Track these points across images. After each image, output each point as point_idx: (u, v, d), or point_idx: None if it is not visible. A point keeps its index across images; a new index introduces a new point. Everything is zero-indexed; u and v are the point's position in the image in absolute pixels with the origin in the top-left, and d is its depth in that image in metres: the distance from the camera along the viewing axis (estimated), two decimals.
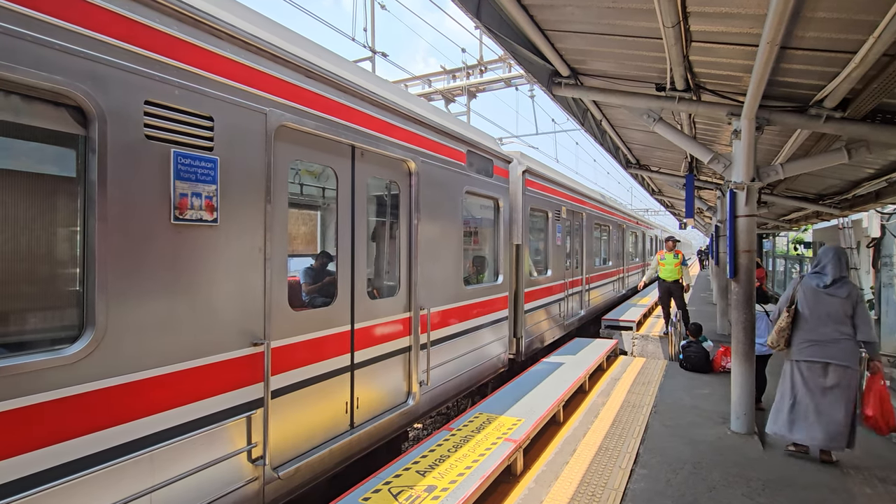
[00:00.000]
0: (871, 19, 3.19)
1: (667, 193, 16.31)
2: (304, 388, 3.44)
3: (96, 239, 2.25)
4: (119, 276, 2.34)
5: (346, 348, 3.84)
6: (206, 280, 2.77)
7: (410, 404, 4.58)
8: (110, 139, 2.30)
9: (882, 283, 8.75)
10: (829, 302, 4.00)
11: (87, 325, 2.26)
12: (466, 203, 5.79)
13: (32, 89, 2.10)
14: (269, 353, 3.08)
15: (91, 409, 2.24)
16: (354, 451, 3.91)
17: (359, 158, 3.98)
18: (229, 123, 2.87)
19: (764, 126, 4.89)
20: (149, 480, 2.46)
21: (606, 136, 8.72)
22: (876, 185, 8.21)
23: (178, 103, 2.60)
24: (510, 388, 5.89)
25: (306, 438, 3.46)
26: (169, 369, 2.56)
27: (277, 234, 3.21)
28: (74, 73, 2.18)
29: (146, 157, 2.46)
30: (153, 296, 2.50)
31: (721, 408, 5.66)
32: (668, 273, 9.86)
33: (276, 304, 3.19)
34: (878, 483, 4.07)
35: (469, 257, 6.13)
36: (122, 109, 2.36)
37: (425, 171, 4.80)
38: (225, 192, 2.85)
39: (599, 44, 4.70)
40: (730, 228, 5.03)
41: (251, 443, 2.99)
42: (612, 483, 3.94)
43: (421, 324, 4.72)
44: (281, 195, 3.26)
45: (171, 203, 2.56)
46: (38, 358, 2.08)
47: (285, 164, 3.32)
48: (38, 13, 2.06)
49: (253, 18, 3.15)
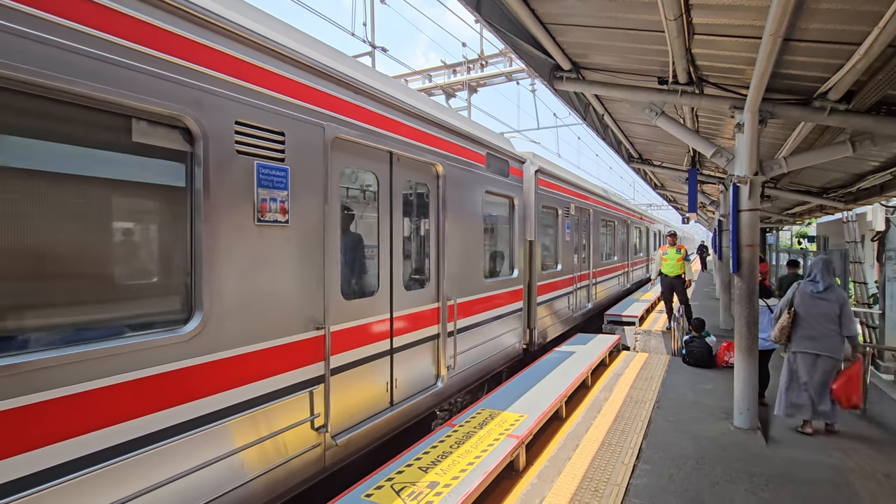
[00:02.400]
0: (875, 10, 3.15)
1: (669, 188, 16.24)
2: (355, 367, 3.90)
3: (202, 237, 2.72)
4: (218, 269, 2.81)
5: (386, 334, 4.29)
6: (280, 272, 3.22)
7: (440, 386, 5.01)
8: (211, 154, 2.77)
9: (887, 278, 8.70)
10: (822, 304, 4.78)
11: (195, 310, 2.72)
12: (485, 201, 6.11)
13: (156, 115, 2.57)
14: (328, 336, 3.56)
15: (198, 380, 2.70)
16: (393, 426, 4.34)
17: (395, 163, 4.42)
18: (296, 137, 3.33)
19: (767, 119, 4.85)
20: (240, 441, 2.91)
21: (609, 131, 8.68)
22: (880, 177, 8.16)
23: (259, 122, 3.08)
24: (513, 383, 5.89)
25: (356, 412, 3.91)
26: (253, 347, 3.02)
27: (332, 232, 3.65)
28: (185, 100, 2.65)
29: (237, 168, 2.94)
30: (242, 285, 2.96)
31: (724, 403, 5.65)
32: (671, 268, 9.79)
33: (332, 293, 3.63)
34: (882, 478, 4.06)
35: (488, 252, 6.45)
36: (219, 129, 2.83)
37: (451, 173, 5.21)
38: (293, 196, 3.31)
39: (601, 37, 4.66)
40: (733, 223, 5.00)
41: (314, 413, 3.44)
42: (615, 478, 3.93)
43: (448, 313, 5.13)
44: (335, 198, 3.72)
45: (254, 207, 3.04)
46: (162, 336, 2.54)
47: (337, 170, 3.77)
48: (163, 54, 2.54)
49: (309, 42, 3.60)
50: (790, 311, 4.93)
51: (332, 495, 3.38)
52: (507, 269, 7.01)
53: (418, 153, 4.64)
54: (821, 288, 4.82)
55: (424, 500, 3.25)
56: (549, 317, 8.36)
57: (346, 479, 3.69)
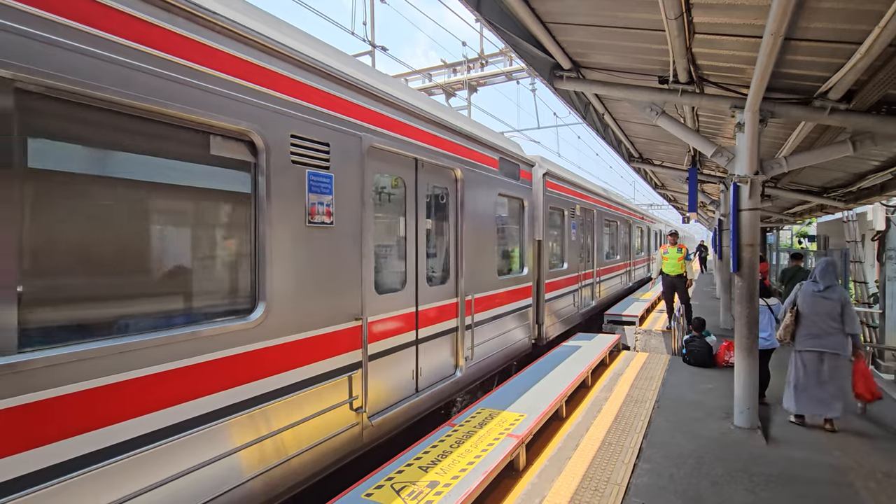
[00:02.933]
0: (876, 9, 3.14)
1: (670, 187, 16.22)
2: (386, 356, 4.27)
3: (264, 237, 3.10)
4: (276, 265, 3.18)
5: (412, 326, 4.67)
6: (325, 269, 3.61)
7: (458, 376, 5.39)
8: (271, 164, 3.14)
9: (887, 277, 8.69)
10: (824, 303, 4.91)
11: (259, 301, 3.09)
12: (498, 203, 6.46)
13: (228, 131, 2.94)
14: (366, 326, 3.92)
15: (262, 362, 3.07)
16: (419, 410, 4.71)
17: (420, 169, 4.81)
18: (339, 147, 3.69)
19: (768, 119, 4.84)
20: (296, 417, 3.31)
21: (609, 130, 8.66)
22: (881, 177, 8.15)
23: (310, 134, 3.44)
24: (513, 383, 5.88)
25: (387, 396, 4.29)
26: (305, 335, 3.40)
27: (367, 232, 4.00)
28: (252, 118, 3.01)
29: (292, 176, 3.30)
30: (296, 280, 3.33)
31: (724, 402, 5.65)
32: (671, 267, 9.73)
33: (368, 288, 4.00)
34: (882, 477, 4.06)
35: (500, 251, 6.78)
36: (278, 142, 3.20)
37: (468, 177, 5.58)
38: (336, 200, 3.68)
39: (601, 36, 4.66)
40: (733, 222, 5.00)
41: (353, 396, 3.80)
42: (615, 478, 3.93)
43: (465, 308, 5.50)
44: (369, 201, 4.05)
45: (306, 210, 3.41)
46: (237, 324, 2.92)
47: (371, 176, 4.10)
48: (235, 77, 2.92)
49: (345, 59, 4.00)
50: (793, 311, 5.07)
51: (369, 470, 3.72)
52: (518, 268, 7.33)
53: (440, 159, 5.02)
54: (822, 287, 4.97)
55: (425, 499, 3.25)
56: (555, 313, 8.68)
57: (379, 458, 4.04)
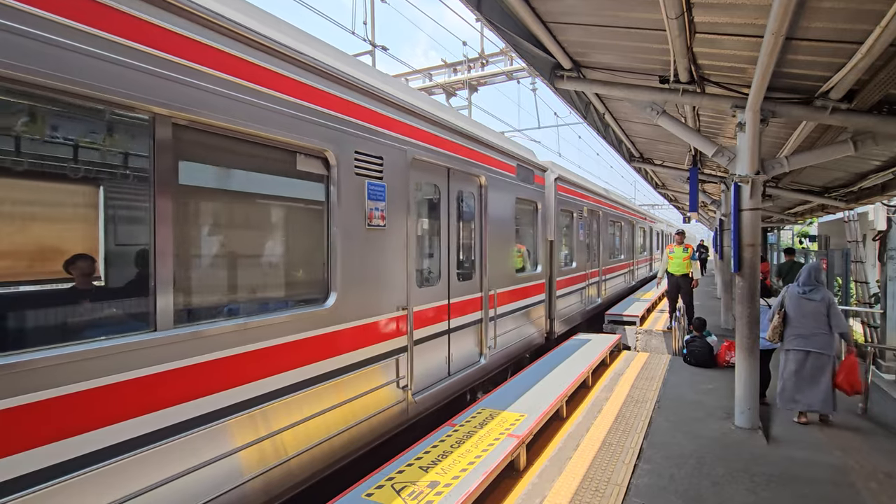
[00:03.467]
0: (877, 9, 3.13)
1: (670, 187, 16.20)
2: (425, 342, 4.86)
3: (335, 238, 3.69)
4: (344, 262, 3.76)
5: (445, 317, 5.26)
6: (379, 264, 4.18)
7: (483, 363, 5.99)
8: (340, 177, 3.72)
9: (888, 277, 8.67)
10: (808, 305, 5.11)
11: (331, 291, 3.69)
12: (516, 206, 7.03)
13: (310, 150, 3.52)
14: (411, 315, 4.52)
15: (333, 343, 3.64)
16: (450, 392, 5.30)
17: (451, 177, 5.41)
18: (390, 160, 4.28)
19: (769, 118, 4.83)
20: (362, 388, 3.90)
21: (609, 130, 8.65)
22: (882, 177, 8.13)
23: (368, 150, 4.01)
24: (513, 383, 5.88)
25: (426, 378, 4.86)
26: (365, 321, 3.98)
27: (411, 233, 4.58)
28: (327, 138, 3.60)
29: (355, 187, 3.89)
30: (358, 274, 3.92)
31: (725, 403, 5.65)
32: (677, 267, 9.58)
33: (412, 282, 4.57)
34: (883, 478, 4.06)
35: (517, 250, 7.33)
36: (346, 158, 3.78)
37: (491, 183, 6.15)
38: (388, 206, 4.23)
39: (602, 36, 4.65)
40: (734, 222, 4.99)
41: (400, 376, 4.37)
42: (616, 478, 3.93)
43: (489, 301, 6.08)
44: (412, 206, 4.63)
45: (365, 215, 3.98)
46: (316, 310, 3.51)
47: (413, 184, 4.67)
48: (316, 105, 3.50)
49: (392, 81, 4.58)
50: (780, 313, 5.29)
51: (413, 441, 4.26)
52: (533, 266, 7.88)
53: (467, 167, 5.61)
54: (806, 290, 5.17)
55: (425, 499, 3.25)
56: (566, 308, 9.30)
57: (420, 432, 4.67)
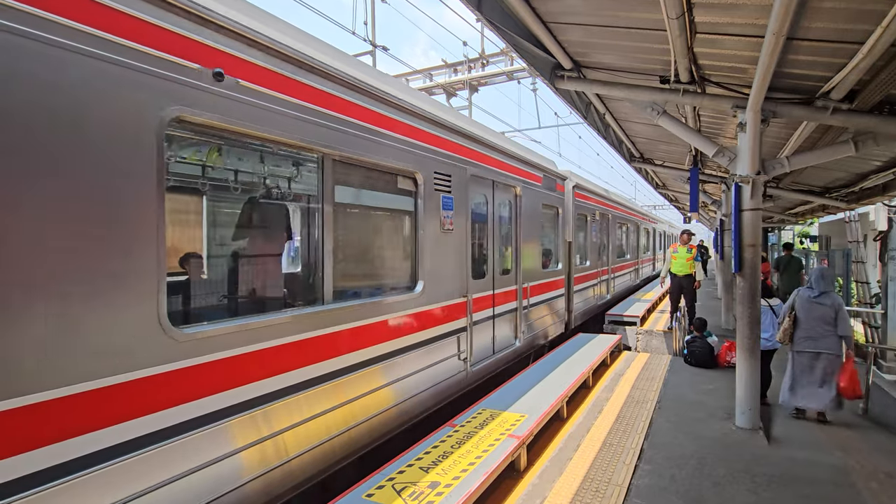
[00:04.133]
0: (878, 9, 3.13)
1: (671, 187, 16.20)
2: (478, 325, 5.89)
3: (421, 239, 4.78)
4: (426, 258, 4.85)
5: (490, 304, 6.28)
6: (450, 260, 5.31)
7: (517, 345, 7.02)
8: (424, 192, 4.79)
9: (889, 277, 8.65)
10: (818, 309, 5.29)
11: (418, 280, 4.76)
12: (542, 212, 8.13)
13: (405, 172, 4.61)
14: (470, 301, 5.63)
15: (421, 322, 4.74)
16: (494, 367, 6.32)
17: (495, 188, 6.45)
18: (455, 177, 5.38)
19: (770, 118, 4.83)
20: (436, 358, 4.97)
21: (610, 130, 8.65)
22: (883, 177, 8.13)
23: (442, 170, 5.13)
24: (513, 383, 5.88)
25: (479, 354, 5.89)
26: (441, 305, 5.10)
27: (469, 235, 5.66)
28: (417, 163, 4.69)
29: (434, 199, 4.98)
30: (436, 268, 5.00)
31: (726, 403, 5.64)
32: (680, 267, 9.46)
33: (469, 274, 5.65)
34: (884, 478, 4.05)
35: (543, 250, 8.44)
36: (429, 178, 4.87)
37: (524, 192, 7.23)
38: (454, 214, 5.34)
39: (602, 36, 4.65)
40: (735, 222, 4.98)
41: (462, 350, 5.46)
42: (617, 479, 3.93)
43: (522, 293, 7.11)
44: (469, 214, 5.68)
45: (440, 221, 5.08)
46: (410, 294, 4.63)
47: (470, 195, 5.70)
48: (414, 139, 4.62)
49: (455, 113, 5.75)
50: (791, 315, 5.42)
51: (469, 404, 5.21)
52: (554, 264, 8.96)
53: (507, 180, 6.70)
54: (817, 293, 5.30)
55: (426, 500, 3.24)
56: (581, 302, 10.40)
57: (473, 396, 5.64)
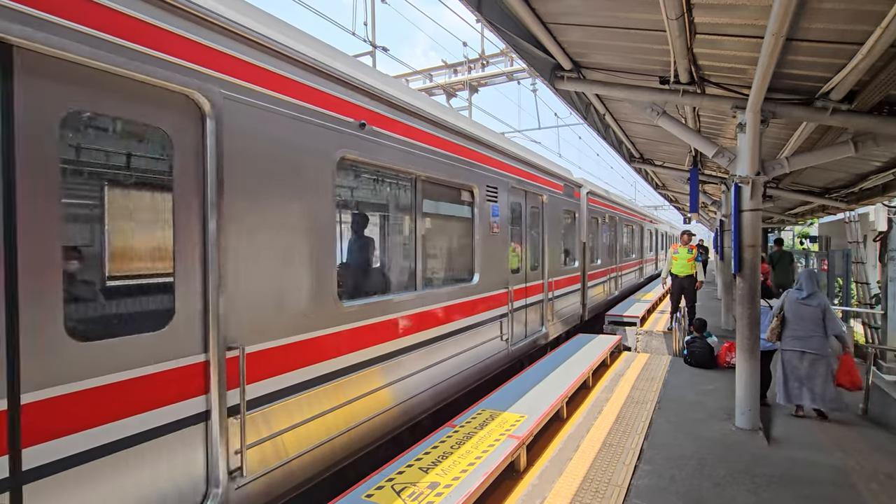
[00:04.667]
0: (878, 10, 3.13)
1: (671, 188, 16.20)
2: (515, 312, 6.94)
3: (478, 241, 5.85)
4: (480, 254, 5.89)
5: (524, 295, 7.33)
6: (496, 257, 6.32)
7: (544, 331, 8.15)
8: (479, 202, 5.83)
9: (889, 278, 8.65)
10: (806, 310, 5.49)
11: (474, 272, 5.80)
12: (562, 217, 9.22)
13: (466, 187, 5.64)
14: (511, 291, 6.70)
15: (475, 307, 5.77)
16: (527, 349, 7.49)
17: (527, 197, 7.56)
18: (500, 188, 6.40)
19: (769, 119, 4.83)
20: (483, 338, 5.96)
21: (610, 131, 8.66)
22: (883, 178, 8.13)
23: (492, 184, 6.14)
24: (513, 384, 5.88)
25: (516, 336, 6.97)
26: (491, 293, 6.15)
27: (508, 237, 6.70)
28: (473, 179, 5.68)
29: (486, 208, 6.00)
30: (487, 263, 6.02)
31: (726, 404, 5.64)
32: (681, 268, 9.42)
33: (508, 269, 6.69)
34: (884, 479, 4.05)
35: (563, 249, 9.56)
36: (482, 190, 5.89)
37: (549, 200, 8.37)
38: (499, 219, 6.35)
39: (602, 36, 4.65)
40: (734, 223, 4.98)
41: (504, 333, 6.53)
42: (616, 479, 3.93)
43: (548, 286, 8.32)
44: (508, 219, 6.71)
45: (490, 226, 6.08)
46: (470, 284, 5.70)
47: (508, 203, 6.74)
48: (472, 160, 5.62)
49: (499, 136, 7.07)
50: (779, 315, 5.63)
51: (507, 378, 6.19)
52: (572, 262, 10.07)
53: (536, 189, 7.79)
54: (804, 295, 5.50)
55: (425, 500, 3.24)
56: (593, 297, 11.54)
57: (513, 371, 6.71)
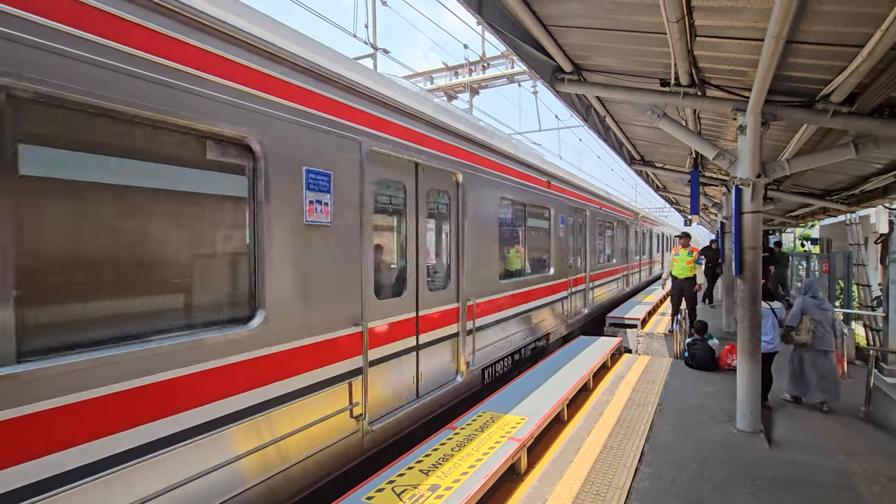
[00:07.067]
0: (878, 12, 3.14)
1: (672, 190, 16.19)
2: (573, 295, 9.01)
3: (552, 244, 8.46)
4: (554, 253, 8.41)
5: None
6: (562, 255, 8.66)
7: (586, 312, 10.30)
8: (554, 218, 8.28)
9: (890, 280, 8.64)
10: (824, 313, 6.10)
11: (551, 266, 8.34)
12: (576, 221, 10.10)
13: (545, 206, 8.16)
14: (570, 281, 8.70)
15: (555, 289, 8.47)
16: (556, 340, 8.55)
17: (575, 213, 9.42)
18: (568, 210, 9.00)
19: (770, 121, 4.83)
20: (558, 313, 8.75)
21: (610, 133, 8.66)
22: (884, 180, 8.13)
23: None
24: (514, 386, 5.87)
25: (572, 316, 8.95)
26: (561, 280, 8.72)
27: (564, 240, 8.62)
28: (552, 202, 8.33)
29: (557, 221, 8.43)
30: (558, 258, 8.49)
31: (727, 406, 5.63)
32: (681, 270, 9.51)
33: (567, 265, 8.94)
34: (885, 482, 4.04)
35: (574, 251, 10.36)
36: (559, 210, 8.60)
37: (590, 213, 10.30)
38: (564, 228, 8.74)
39: (603, 39, 4.66)
40: (735, 225, 4.98)
41: (566, 311, 8.58)
42: (617, 482, 3.92)
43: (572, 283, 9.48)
44: (565, 229, 8.52)
45: (559, 233, 8.45)
46: (550, 273, 8.31)
47: (566, 220, 8.58)
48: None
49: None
50: (810, 319, 6.06)
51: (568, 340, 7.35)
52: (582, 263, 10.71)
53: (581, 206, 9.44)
54: (822, 299, 6.16)
55: (426, 503, 3.24)
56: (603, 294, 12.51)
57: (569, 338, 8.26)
